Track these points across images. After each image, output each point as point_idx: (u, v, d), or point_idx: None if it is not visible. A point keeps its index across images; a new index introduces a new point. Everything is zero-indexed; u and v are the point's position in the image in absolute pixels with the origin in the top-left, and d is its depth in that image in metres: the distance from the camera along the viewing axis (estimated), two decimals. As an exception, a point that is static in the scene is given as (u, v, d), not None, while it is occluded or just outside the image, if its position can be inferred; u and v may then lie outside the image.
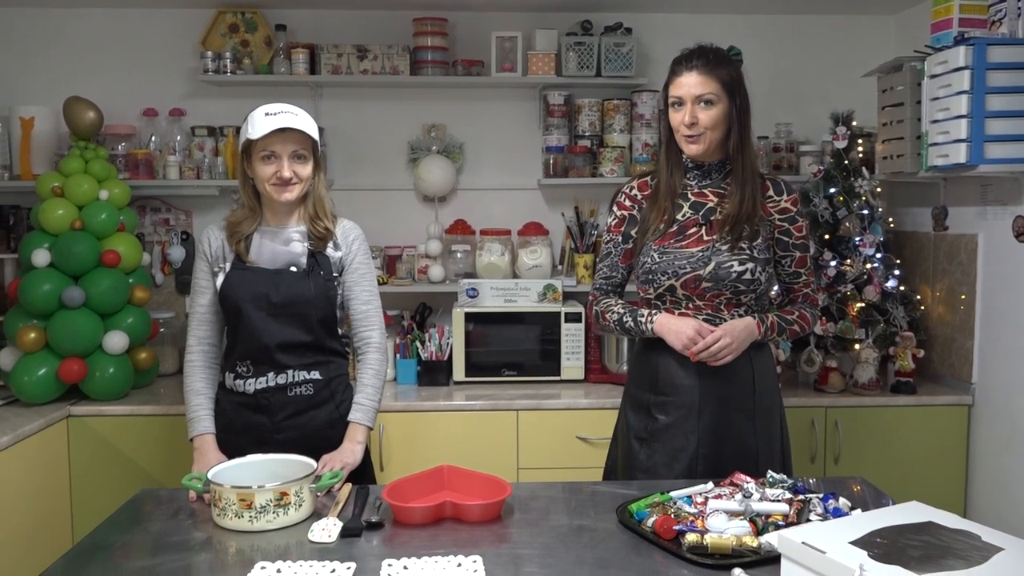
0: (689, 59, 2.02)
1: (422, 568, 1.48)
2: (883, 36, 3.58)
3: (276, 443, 2.05)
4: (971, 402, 2.98)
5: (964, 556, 1.26)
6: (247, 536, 1.67)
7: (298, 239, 2.12)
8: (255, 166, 2.05)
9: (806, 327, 2.14)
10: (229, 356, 2.13)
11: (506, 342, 3.23)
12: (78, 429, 2.89)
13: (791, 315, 2.12)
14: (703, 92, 2.00)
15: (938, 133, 2.69)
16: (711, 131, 2.01)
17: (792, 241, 2.11)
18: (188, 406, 2.12)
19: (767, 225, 2.08)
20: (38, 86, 3.40)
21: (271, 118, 2.00)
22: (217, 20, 3.39)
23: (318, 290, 2.09)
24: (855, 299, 3.07)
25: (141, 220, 3.46)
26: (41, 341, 2.87)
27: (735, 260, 2.01)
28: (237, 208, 2.16)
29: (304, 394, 2.11)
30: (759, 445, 2.08)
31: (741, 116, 2.03)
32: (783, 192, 2.10)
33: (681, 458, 2.06)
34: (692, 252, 2.05)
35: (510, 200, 3.58)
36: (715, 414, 2.05)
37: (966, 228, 3.02)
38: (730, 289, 2.03)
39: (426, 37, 3.34)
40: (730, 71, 2.03)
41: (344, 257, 2.15)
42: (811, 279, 2.17)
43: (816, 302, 2.19)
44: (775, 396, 2.16)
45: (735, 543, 1.50)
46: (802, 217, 2.12)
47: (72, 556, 1.59)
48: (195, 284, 2.15)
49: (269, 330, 2.06)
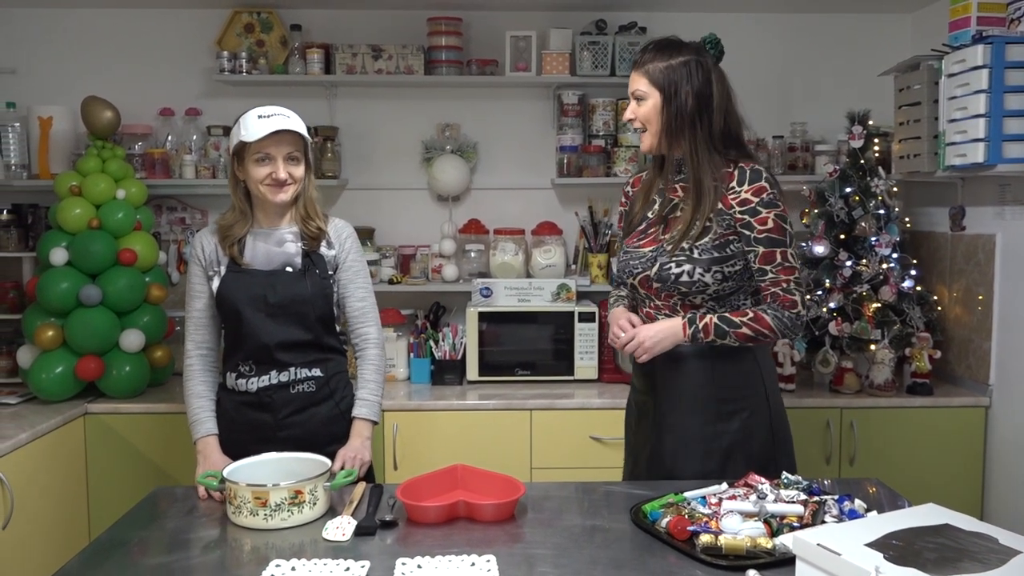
0: (635, 55, 2.02)
1: (436, 567, 1.48)
2: (900, 35, 3.55)
3: (278, 440, 2.06)
4: (988, 403, 2.96)
5: (981, 559, 1.25)
6: (262, 534, 1.68)
7: (291, 240, 2.13)
8: (249, 168, 2.05)
9: (763, 330, 1.90)
10: (230, 357, 2.14)
11: (519, 342, 3.23)
12: (95, 426, 2.91)
13: (742, 316, 1.92)
14: (633, 89, 2.00)
15: (956, 132, 2.67)
16: (648, 126, 2.00)
17: (753, 235, 1.92)
18: (189, 409, 2.12)
19: (727, 218, 1.93)
20: (56, 86, 3.43)
21: (265, 120, 2.01)
22: (233, 20, 3.41)
23: (315, 289, 2.11)
24: (871, 299, 3.05)
25: (157, 219, 3.49)
26: (58, 339, 2.89)
27: (673, 262, 1.96)
28: (227, 212, 2.15)
29: (306, 391, 2.12)
30: (723, 448, 2.01)
31: (682, 111, 1.94)
32: (746, 182, 1.92)
33: (637, 457, 2.14)
34: (644, 252, 2.03)
35: (524, 200, 3.58)
36: (665, 413, 2.05)
37: (984, 228, 2.99)
38: (676, 291, 1.97)
39: (440, 37, 3.35)
40: (668, 64, 1.95)
41: (338, 255, 2.17)
42: (783, 277, 1.92)
43: (789, 303, 1.91)
44: (750, 400, 2.02)
45: (749, 544, 1.49)
46: (769, 208, 1.91)
47: (89, 552, 1.61)
48: (190, 289, 2.15)
49: (268, 330, 2.07)
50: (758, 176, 1.93)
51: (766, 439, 2.04)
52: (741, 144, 2.02)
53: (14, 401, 2.92)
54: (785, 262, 1.93)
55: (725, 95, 1.98)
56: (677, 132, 1.96)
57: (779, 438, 2.08)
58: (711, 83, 1.96)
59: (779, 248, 1.92)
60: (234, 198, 2.13)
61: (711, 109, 1.95)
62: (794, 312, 1.92)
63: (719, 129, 1.96)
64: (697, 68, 1.95)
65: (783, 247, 1.92)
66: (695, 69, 1.95)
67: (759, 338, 1.93)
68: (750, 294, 2.02)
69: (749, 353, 2.01)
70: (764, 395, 2.04)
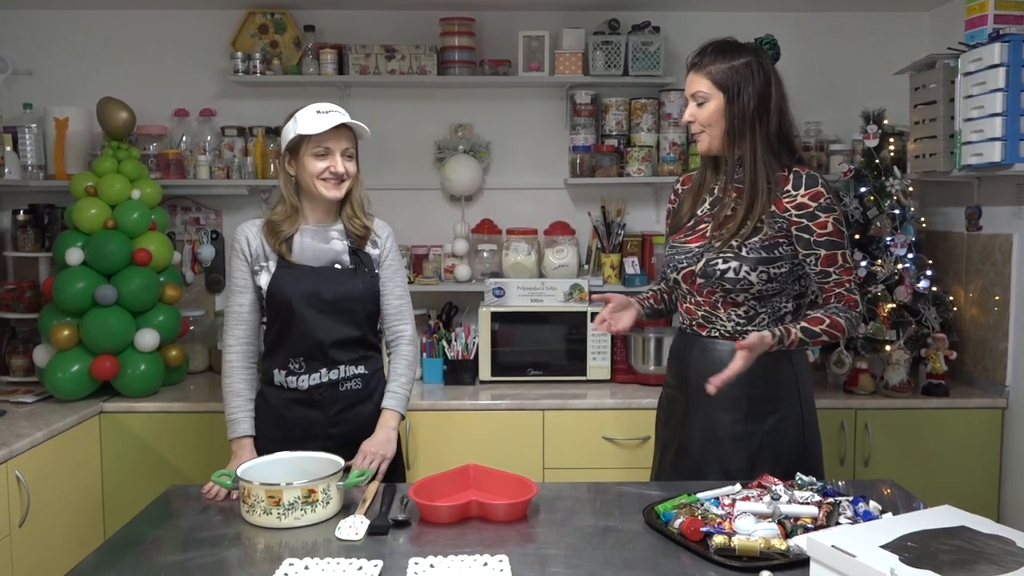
0: (692, 57, 2.02)
1: (448, 567, 1.48)
2: (916, 33, 3.53)
3: (328, 437, 2.10)
4: (1005, 405, 2.93)
5: (998, 562, 1.24)
6: (275, 533, 1.69)
7: (337, 237, 2.16)
8: (306, 162, 2.08)
9: (836, 333, 1.93)
10: (276, 353, 2.15)
11: (532, 342, 3.23)
12: (110, 425, 2.93)
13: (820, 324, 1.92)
14: (695, 90, 2.00)
15: (972, 132, 2.64)
16: (709, 128, 2.00)
17: (813, 239, 1.95)
18: (228, 407, 2.13)
19: (780, 222, 1.95)
20: (72, 87, 3.46)
21: (324, 116, 2.05)
22: (247, 21, 3.43)
23: (366, 286, 2.15)
24: (886, 300, 3.03)
25: (172, 219, 3.51)
26: (74, 338, 2.91)
27: (720, 258, 1.97)
28: (278, 207, 2.15)
29: (354, 388, 2.16)
30: (752, 448, 2.01)
31: (745, 112, 1.95)
32: (802, 186, 1.94)
33: (665, 452, 2.16)
34: (690, 248, 2.05)
35: (537, 200, 3.58)
36: (695, 409, 2.06)
37: (1001, 228, 2.97)
38: (720, 287, 1.99)
39: (453, 37, 3.35)
40: (730, 65, 1.95)
41: (381, 254, 2.21)
42: (845, 278, 1.96)
43: (853, 302, 1.97)
44: (784, 402, 2.03)
45: (763, 545, 1.48)
46: (827, 212, 1.94)
47: (104, 550, 1.62)
48: (232, 283, 2.15)
49: (323, 327, 2.10)
50: (814, 181, 1.96)
51: (796, 443, 2.05)
52: (794, 148, 2.04)
53: (30, 400, 2.94)
54: (845, 263, 1.97)
55: (782, 96, 2.00)
56: (739, 133, 1.97)
57: (809, 443, 2.08)
58: (771, 84, 1.98)
59: (839, 250, 1.96)
60: (286, 193, 2.14)
61: (770, 110, 1.97)
62: (857, 311, 1.98)
63: (776, 129, 1.98)
64: (759, 69, 1.97)
65: (842, 249, 1.97)
66: (756, 70, 1.96)
67: (832, 339, 1.97)
68: (792, 297, 2.03)
69: (785, 355, 2.01)
70: (798, 398, 2.05)
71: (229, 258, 2.17)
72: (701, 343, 2.07)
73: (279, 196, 2.18)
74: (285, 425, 2.13)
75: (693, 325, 2.09)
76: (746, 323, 2.01)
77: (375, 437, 2.13)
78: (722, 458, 2.02)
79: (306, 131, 2.04)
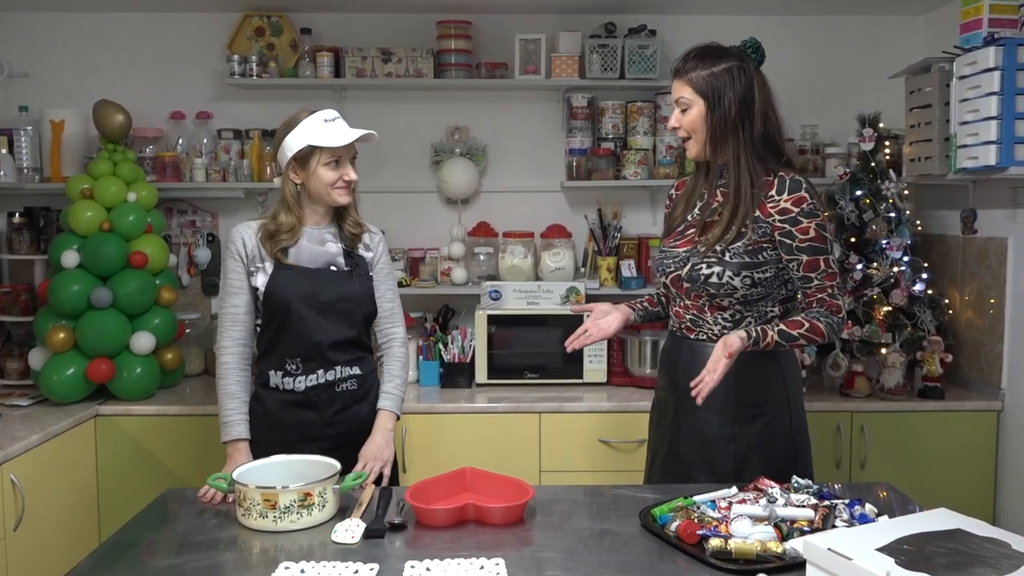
0: (675, 63, 2.03)
1: (444, 570, 1.48)
2: (911, 37, 3.54)
3: (325, 438, 2.12)
4: (1001, 407, 2.94)
5: (993, 564, 1.24)
6: (271, 536, 1.68)
7: (331, 239, 2.18)
8: (318, 171, 2.08)
9: (815, 337, 1.92)
10: (272, 355, 2.14)
11: (529, 344, 3.23)
12: (106, 428, 2.92)
13: (798, 328, 1.92)
14: (678, 96, 2.01)
15: (967, 135, 2.65)
16: (694, 134, 2.00)
17: (796, 244, 1.93)
18: (222, 409, 2.12)
19: (764, 227, 1.95)
20: (68, 90, 3.45)
21: (332, 124, 2.08)
22: (243, 24, 3.42)
23: (362, 288, 2.17)
24: (882, 303, 3.04)
25: (168, 222, 3.50)
26: (70, 341, 2.91)
27: (704, 263, 1.98)
28: (280, 216, 2.12)
29: (350, 389, 2.17)
30: (740, 451, 2.01)
31: (726, 117, 1.95)
32: (785, 191, 1.93)
33: (656, 454, 2.17)
34: (678, 252, 2.06)
35: (533, 202, 3.58)
36: (684, 411, 2.06)
37: (996, 231, 2.97)
38: (705, 292, 1.99)
39: (450, 40, 3.35)
40: (711, 72, 1.95)
41: (373, 258, 2.24)
42: (828, 283, 1.95)
43: (835, 307, 1.96)
44: (772, 404, 2.03)
45: (759, 549, 1.49)
46: (810, 218, 1.92)
47: (99, 554, 1.61)
48: (227, 285, 2.14)
49: (321, 328, 2.10)
50: (798, 186, 1.95)
51: (785, 445, 2.05)
52: (780, 152, 2.02)
53: (25, 403, 2.93)
54: (828, 269, 1.96)
55: (766, 99, 1.99)
56: (721, 138, 1.98)
57: (798, 446, 2.08)
58: (753, 88, 1.97)
59: (822, 256, 1.95)
60: (291, 202, 2.12)
61: (753, 114, 1.97)
62: (840, 316, 1.97)
63: (760, 133, 1.97)
64: (740, 74, 1.96)
65: (825, 254, 1.96)
66: (738, 75, 1.96)
67: (811, 343, 1.97)
68: (779, 301, 2.03)
69: (772, 358, 2.01)
70: (786, 401, 2.05)
71: (224, 259, 2.16)
72: (690, 346, 2.07)
73: (278, 202, 2.16)
74: (282, 427, 2.12)
75: (682, 328, 2.09)
76: (733, 327, 2.00)
77: (373, 441, 2.14)
78: (711, 460, 2.03)
79: (321, 143, 2.05)
